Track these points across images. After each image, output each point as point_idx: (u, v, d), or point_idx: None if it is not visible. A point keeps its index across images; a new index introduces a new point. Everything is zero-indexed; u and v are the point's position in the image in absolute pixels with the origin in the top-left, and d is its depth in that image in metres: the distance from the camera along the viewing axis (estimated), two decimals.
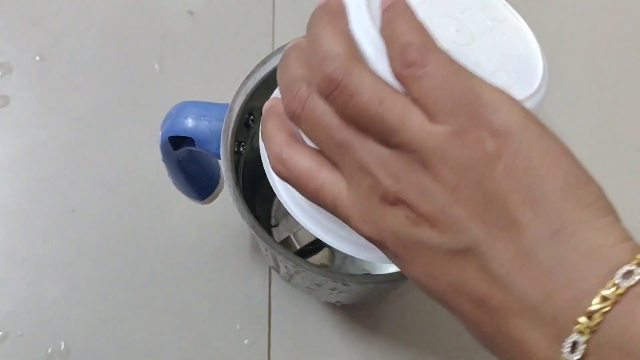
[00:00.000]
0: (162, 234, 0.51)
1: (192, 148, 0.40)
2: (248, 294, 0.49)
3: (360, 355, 0.47)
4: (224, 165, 0.36)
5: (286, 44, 0.26)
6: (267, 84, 0.40)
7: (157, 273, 0.49)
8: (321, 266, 0.34)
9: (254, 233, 0.35)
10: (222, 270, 0.50)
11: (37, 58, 0.57)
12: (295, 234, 0.42)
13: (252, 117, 0.40)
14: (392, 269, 0.40)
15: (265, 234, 0.35)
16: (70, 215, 0.51)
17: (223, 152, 0.36)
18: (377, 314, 0.49)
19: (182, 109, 0.39)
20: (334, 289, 0.40)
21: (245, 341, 0.48)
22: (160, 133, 0.40)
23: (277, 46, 0.58)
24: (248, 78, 0.38)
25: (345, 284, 0.37)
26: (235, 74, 0.40)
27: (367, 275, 0.39)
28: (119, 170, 0.52)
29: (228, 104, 0.38)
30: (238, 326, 0.48)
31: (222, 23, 0.59)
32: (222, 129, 0.36)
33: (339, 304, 0.47)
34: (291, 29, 0.59)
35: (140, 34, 0.59)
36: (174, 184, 0.45)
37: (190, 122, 0.38)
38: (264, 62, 0.39)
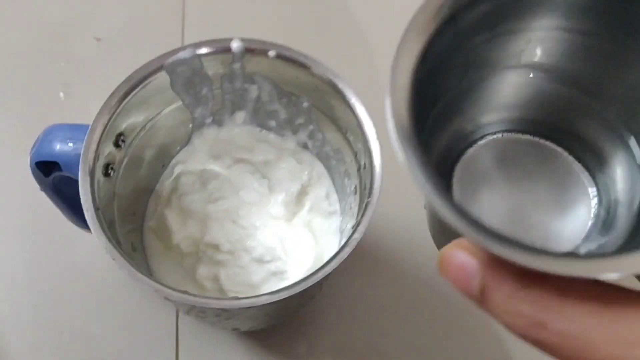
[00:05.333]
0: (66, 264, 0.48)
1: (61, 173, 0.38)
2: (156, 325, 0.46)
3: None
4: (81, 191, 0.34)
5: None
6: (139, 101, 0.38)
7: (60, 305, 0.47)
8: (183, 292, 0.32)
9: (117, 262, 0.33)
10: (128, 303, 0.47)
11: None
12: None
13: (122, 137, 0.38)
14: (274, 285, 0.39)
15: (125, 262, 0.33)
16: None
17: (81, 176, 0.34)
18: (292, 336, 0.46)
19: (49, 132, 0.38)
20: (218, 316, 0.38)
21: None
22: (29, 159, 0.38)
23: None
24: (113, 95, 0.37)
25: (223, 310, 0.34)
26: None
27: (235, 298, 0.37)
28: (22, 198, 0.50)
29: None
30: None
31: (131, 50, 0.58)
32: (82, 151, 0.35)
33: (252, 329, 0.45)
34: None
35: (44, 60, 0.57)
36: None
37: (55, 146, 0.37)
38: (130, 78, 0.37)
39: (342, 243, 0.35)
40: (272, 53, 0.38)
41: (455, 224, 0.15)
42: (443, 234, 0.20)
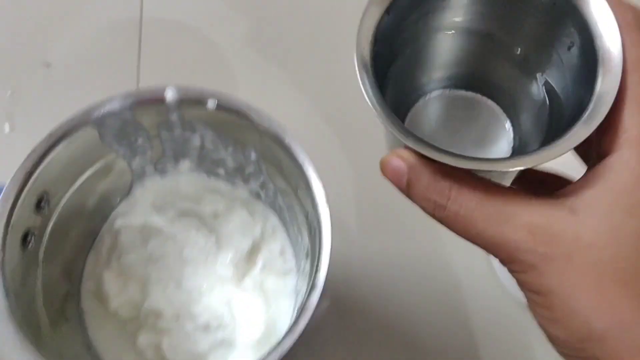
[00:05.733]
0: None
1: None
2: None
3: None
4: None
5: None
6: (64, 157, 0.34)
7: None
8: None
9: None
10: None
11: None
12: None
13: (45, 199, 0.34)
14: None
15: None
16: None
17: None
18: None
19: None
20: None
21: None
22: None
23: None
24: (30, 156, 0.33)
25: None
26: None
27: None
28: None
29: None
30: None
31: (83, 76, 0.53)
32: None
33: None
34: (157, 82, 0.53)
35: None
36: None
37: None
38: (50, 135, 0.33)
39: (297, 309, 0.31)
40: (211, 103, 0.34)
41: (397, 133, 0.21)
42: (392, 145, 0.25)
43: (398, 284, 0.47)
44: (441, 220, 0.22)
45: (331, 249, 0.31)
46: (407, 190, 0.22)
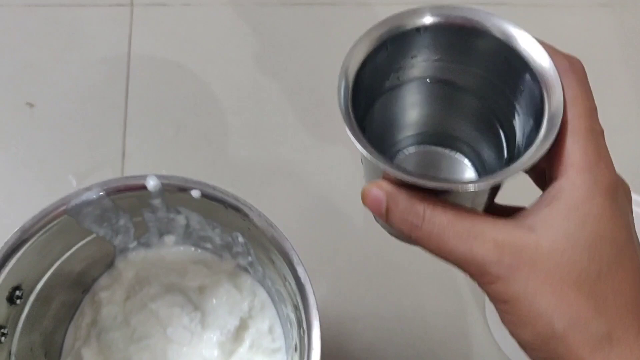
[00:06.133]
0: None
1: None
2: None
3: None
4: None
5: None
6: (38, 248, 0.32)
7: None
8: None
9: None
10: None
11: None
12: None
13: (18, 291, 0.32)
14: None
15: None
16: None
17: None
18: None
19: None
20: None
21: None
22: None
23: (128, 142, 0.50)
24: (5, 245, 0.31)
25: None
26: (82, 174, 0.38)
27: None
28: None
29: None
30: None
31: (67, 117, 0.51)
32: None
33: None
34: (144, 121, 0.51)
35: None
36: None
37: None
38: (22, 229, 0.31)
39: None
40: (195, 193, 0.32)
41: (375, 161, 0.23)
42: (370, 179, 0.26)
43: (391, 339, 0.46)
44: (417, 240, 0.24)
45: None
46: (386, 215, 0.24)
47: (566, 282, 0.22)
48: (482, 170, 0.29)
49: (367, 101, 0.26)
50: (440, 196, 0.24)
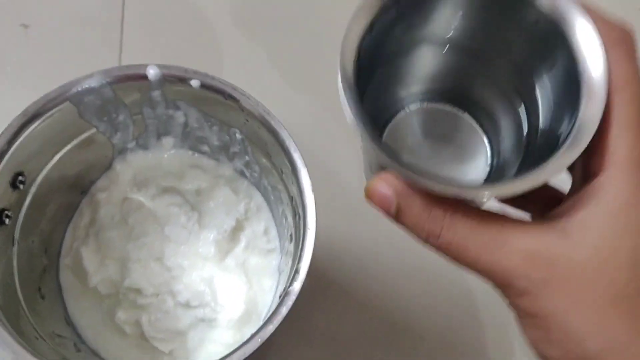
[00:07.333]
0: None
1: None
2: None
3: None
4: None
5: None
6: (41, 134, 0.33)
7: None
8: None
9: None
10: None
11: None
12: None
13: (21, 177, 0.33)
14: None
15: None
16: None
17: None
18: None
19: None
20: None
21: None
22: None
23: (124, 62, 0.51)
24: (4, 134, 0.32)
25: None
26: None
27: None
28: None
29: None
30: None
31: (62, 37, 0.51)
32: None
33: None
34: (141, 41, 0.51)
35: None
36: None
37: None
38: (25, 112, 0.32)
39: (280, 290, 0.31)
40: (194, 82, 0.33)
41: (383, 158, 0.20)
42: (371, 170, 0.24)
43: (382, 261, 0.47)
44: (436, 248, 0.22)
45: (315, 236, 0.31)
46: (397, 217, 0.22)
47: (602, 300, 0.20)
48: (494, 136, 0.27)
49: (369, 66, 0.23)
50: None
